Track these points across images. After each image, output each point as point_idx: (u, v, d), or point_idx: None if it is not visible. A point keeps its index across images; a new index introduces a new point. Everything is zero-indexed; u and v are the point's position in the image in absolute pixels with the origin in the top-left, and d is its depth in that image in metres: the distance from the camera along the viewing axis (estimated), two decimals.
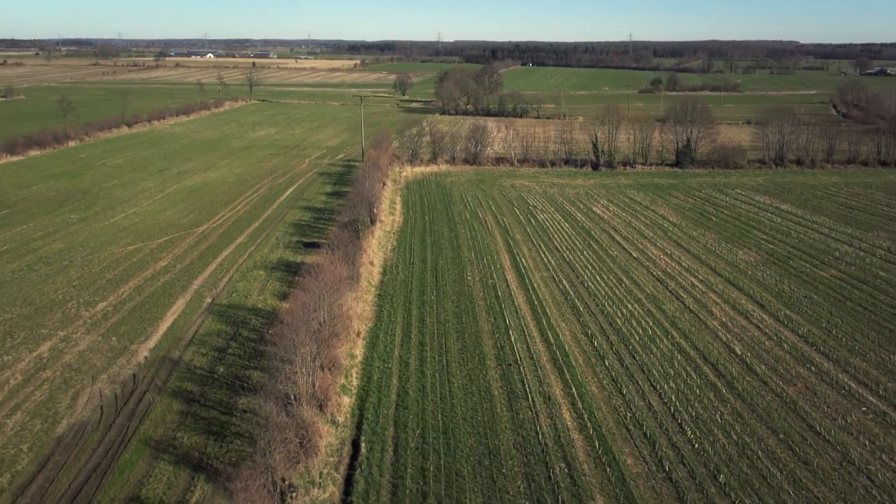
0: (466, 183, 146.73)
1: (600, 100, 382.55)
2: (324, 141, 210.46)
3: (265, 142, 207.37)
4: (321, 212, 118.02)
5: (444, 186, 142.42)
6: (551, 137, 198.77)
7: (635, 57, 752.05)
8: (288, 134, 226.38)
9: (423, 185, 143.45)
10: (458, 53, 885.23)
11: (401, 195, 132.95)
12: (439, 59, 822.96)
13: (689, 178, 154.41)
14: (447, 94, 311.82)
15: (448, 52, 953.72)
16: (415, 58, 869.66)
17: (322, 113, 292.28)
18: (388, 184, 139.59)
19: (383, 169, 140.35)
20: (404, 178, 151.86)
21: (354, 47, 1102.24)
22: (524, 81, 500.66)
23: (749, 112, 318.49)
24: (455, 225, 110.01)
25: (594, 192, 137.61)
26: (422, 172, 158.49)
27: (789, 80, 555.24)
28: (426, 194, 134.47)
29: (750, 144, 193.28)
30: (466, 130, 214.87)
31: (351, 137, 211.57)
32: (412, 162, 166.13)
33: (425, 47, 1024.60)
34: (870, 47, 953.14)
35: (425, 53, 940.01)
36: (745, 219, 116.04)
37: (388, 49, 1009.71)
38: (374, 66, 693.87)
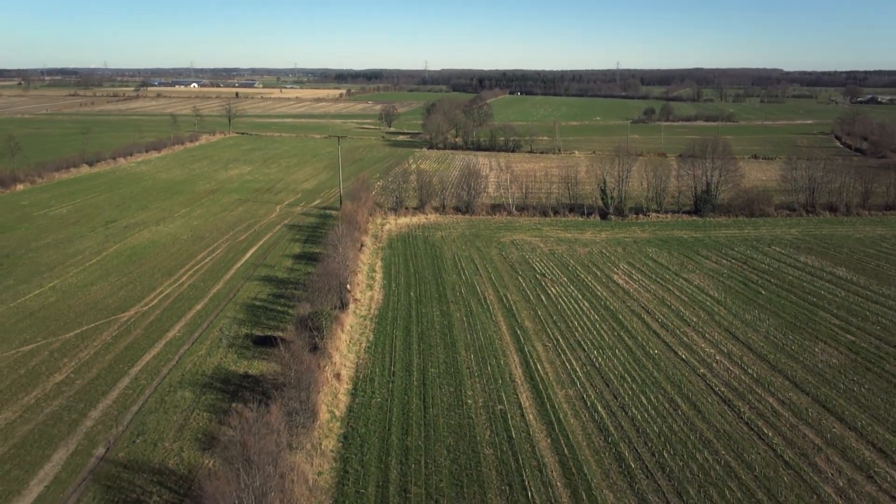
0: (459, 239, 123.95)
1: (594, 131, 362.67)
2: (300, 182, 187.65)
3: (235, 183, 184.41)
4: (284, 285, 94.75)
5: (432, 244, 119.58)
6: (552, 178, 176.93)
7: (623, 85, 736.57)
8: (262, 173, 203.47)
9: (408, 243, 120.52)
10: (446, 82, 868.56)
11: (382, 258, 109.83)
12: (426, 88, 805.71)
13: (713, 230, 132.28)
14: (435, 127, 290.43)
15: (435, 80, 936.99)
16: (402, 86, 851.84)
17: (302, 148, 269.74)
18: (368, 243, 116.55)
19: (361, 225, 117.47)
20: (387, 231, 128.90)
21: (341, 76, 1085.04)
22: (514, 111, 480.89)
23: (751, 145, 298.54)
24: (448, 305, 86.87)
25: (609, 252, 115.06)
26: (407, 224, 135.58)
27: (781, 109, 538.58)
28: (412, 256, 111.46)
29: (774, 186, 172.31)
30: (457, 173, 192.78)
31: (330, 178, 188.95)
32: (396, 210, 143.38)
33: (412, 76, 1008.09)
34: (854, 74, 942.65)
35: (412, 82, 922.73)
36: (799, 291, 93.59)
37: (375, 78, 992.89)
38: (360, 95, 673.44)
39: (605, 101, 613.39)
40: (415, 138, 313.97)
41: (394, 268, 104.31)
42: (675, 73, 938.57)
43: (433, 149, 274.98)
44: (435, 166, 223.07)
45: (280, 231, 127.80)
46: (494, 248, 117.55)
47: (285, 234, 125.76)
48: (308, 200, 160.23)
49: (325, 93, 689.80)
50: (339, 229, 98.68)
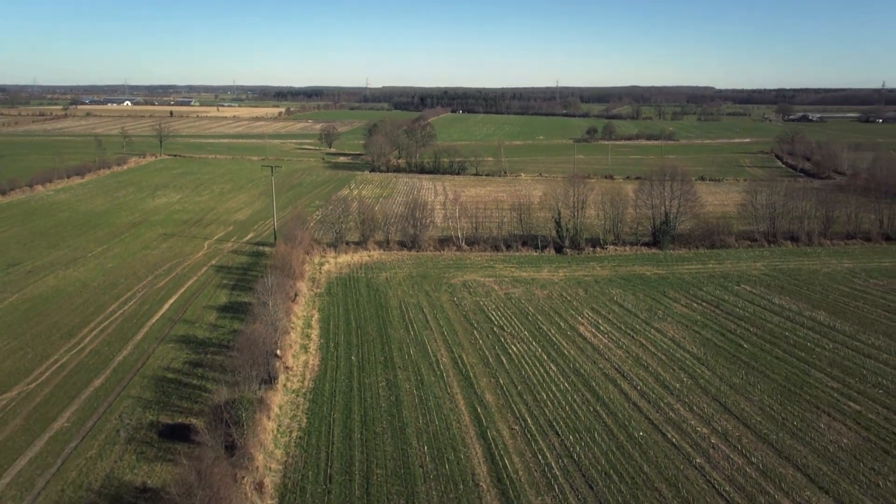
0: (405, 281, 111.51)
1: (538, 151, 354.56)
2: (233, 212, 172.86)
3: (162, 214, 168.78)
4: (204, 348, 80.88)
5: (376, 288, 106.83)
6: (502, 206, 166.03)
7: (563, 103, 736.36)
8: (192, 202, 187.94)
9: (349, 288, 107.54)
10: (387, 100, 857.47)
11: (319, 308, 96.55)
12: (368, 106, 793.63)
13: (675, 266, 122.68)
14: (377, 149, 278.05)
15: (377, 98, 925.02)
16: (342, 104, 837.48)
17: (238, 172, 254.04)
18: (304, 289, 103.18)
19: (296, 270, 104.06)
20: (326, 273, 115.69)
21: (281, 93, 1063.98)
22: (456, 130, 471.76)
23: (696, 165, 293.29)
24: (396, 373, 74.19)
25: (570, 295, 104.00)
26: (349, 263, 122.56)
27: (718, 127, 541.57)
28: (353, 305, 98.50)
29: (730, 212, 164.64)
30: (401, 198, 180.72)
31: (266, 207, 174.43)
32: (336, 247, 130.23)
33: (353, 93, 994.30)
34: (783, 93, 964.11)
35: (353, 100, 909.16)
36: (783, 343, 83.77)
37: (315, 95, 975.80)
38: (300, 114, 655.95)
39: (547, 120, 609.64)
40: (356, 160, 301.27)
41: (333, 321, 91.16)
42: (613, 90, 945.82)
43: (375, 171, 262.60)
44: (377, 191, 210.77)
45: (206, 274, 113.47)
46: (445, 291, 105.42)
47: (211, 277, 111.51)
48: (240, 234, 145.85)
49: (264, 111, 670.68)
50: (269, 280, 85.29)
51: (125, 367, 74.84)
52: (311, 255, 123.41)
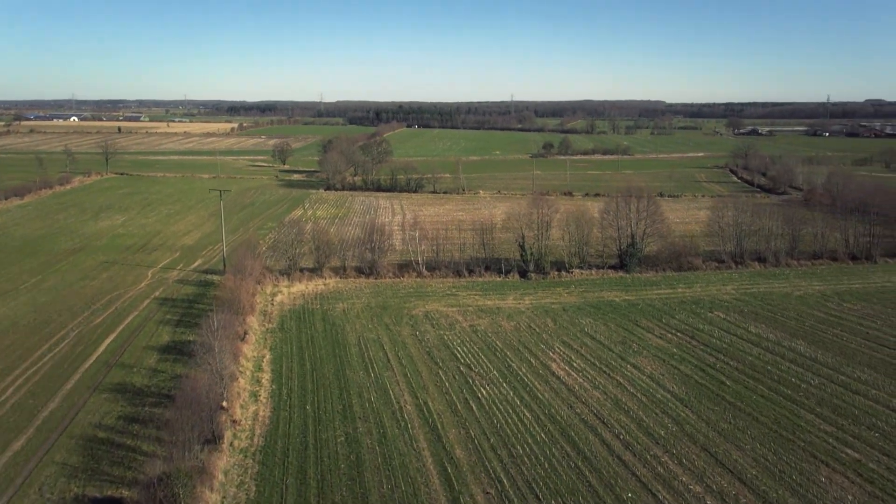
0: (364, 312, 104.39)
1: (495, 167, 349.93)
2: (181, 235, 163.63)
3: (104, 239, 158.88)
4: (142, 399, 72.71)
5: (333, 322, 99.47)
6: (462, 226, 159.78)
7: (519, 118, 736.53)
8: (138, 224, 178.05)
9: (304, 321, 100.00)
10: (342, 115, 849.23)
11: (271, 347, 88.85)
12: (322, 121, 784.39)
13: (644, 290, 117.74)
14: (332, 167, 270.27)
15: (331, 113, 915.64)
16: (296, 119, 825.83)
17: (187, 191, 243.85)
18: (254, 325, 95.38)
19: (246, 305, 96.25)
20: (279, 305, 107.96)
21: (234, 108, 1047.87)
22: (413, 146, 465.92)
23: (653, 181, 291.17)
24: (356, 425, 66.98)
25: (538, 325, 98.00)
26: (303, 293, 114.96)
27: (672, 141, 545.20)
28: (308, 342, 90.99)
29: (694, 230, 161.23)
30: (357, 219, 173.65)
31: (216, 230, 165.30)
32: (290, 275, 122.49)
33: (307, 108, 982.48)
34: (732, 106, 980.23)
35: (308, 114, 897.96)
36: (766, 378, 78.76)
37: (269, 110, 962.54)
38: (253, 129, 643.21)
39: (503, 134, 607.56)
40: (311, 177, 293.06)
41: (286, 363, 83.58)
42: (567, 105, 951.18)
43: (330, 190, 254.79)
44: (333, 211, 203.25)
45: (148, 308, 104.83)
46: (406, 324, 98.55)
47: (154, 312, 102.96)
48: (187, 261, 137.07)
49: (216, 127, 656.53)
50: (215, 320, 77.43)
51: (51, 424, 66.35)
52: (262, 285, 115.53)
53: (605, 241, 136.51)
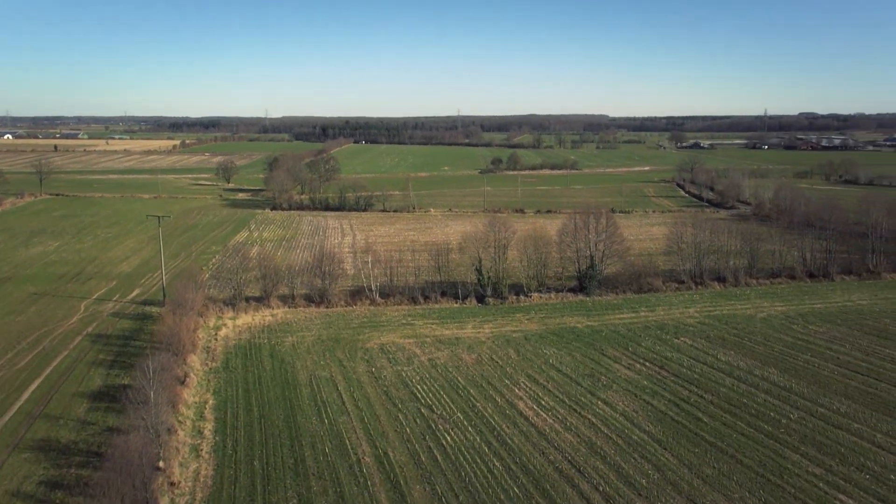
0: (315, 346, 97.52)
1: (445, 183, 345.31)
2: (118, 262, 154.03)
3: (35, 266, 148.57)
4: (67, 458, 64.67)
5: (282, 359, 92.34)
6: (416, 247, 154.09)
7: (466, 133, 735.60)
8: (72, 250, 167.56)
9: (250, 359, 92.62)
10: (288, 130, 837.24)
11: (214, 393, 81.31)
12: (268, 138, 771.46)
13: (606, 315, 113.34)
14: (278, 186, 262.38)
15: (277, 128, 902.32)
16: (241, 136, 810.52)
17: (126, 213, 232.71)
18: (196, 365, 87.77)
19: (186, 342, 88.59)
20: (223, 340, 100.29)
21: (176, 124, 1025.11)
22: (360, 162, 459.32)
23: (602, 196, 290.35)
24: (309, 483, 60.16)
25: (501, 358, 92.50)
26: (249, 326, 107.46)
27: (617, 155, 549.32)
28: (255, 384, 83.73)
29: (651, 248, 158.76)
30: (305, 249, 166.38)
31: (156, 255, 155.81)
32: (235, 305, 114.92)
33: (252, 124, 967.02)
34: (673, 120, 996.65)
35: (253, 131, 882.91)
36: (743, 413, 74.49)
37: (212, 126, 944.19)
38: (197, 147, 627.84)
39: (451, 149, 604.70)
40: (256, 196, 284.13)
41: (231, 409, 76.24)
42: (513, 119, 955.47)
43: (277, 209, 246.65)
44: (280, 233, 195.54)
45: (79, 347, 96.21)
46: (361, 360, 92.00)
47: (86, 351, 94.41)
48: (124, 291, 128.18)
49: (158, 144, 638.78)
50: (150, 365, 69.79)
51: None
52: (205, 318, 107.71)
53: (564, 262, 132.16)
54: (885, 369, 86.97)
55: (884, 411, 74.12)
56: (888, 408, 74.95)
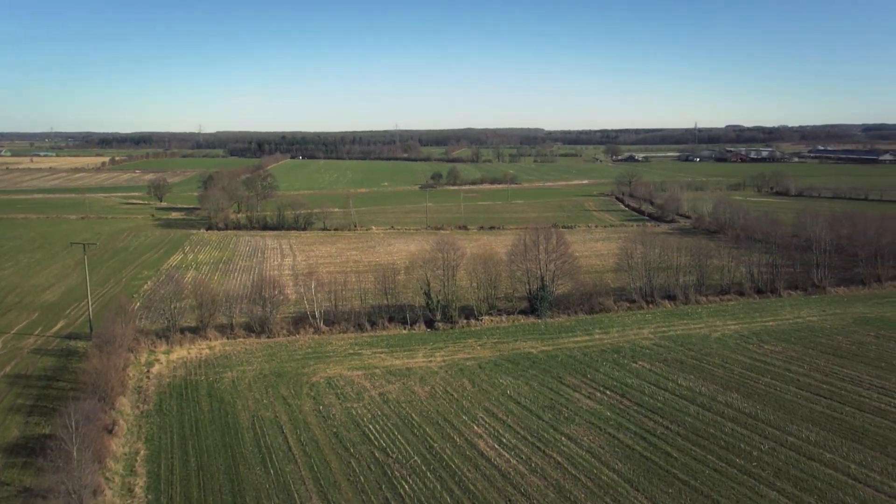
0: (256, 381, 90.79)
1: (385, 199, 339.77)
2: (41, 290, 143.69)
3: None
4: None
5: (221, 398, 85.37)
6: (359, 268, 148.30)
7: (404, 147, 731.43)
8: None
9: (186, 399, 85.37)
10: (222, 146, 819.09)
11: (147, 441, 73.94)
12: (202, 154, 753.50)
13: (560, 338, 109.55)
14: (214, 204, 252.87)
15: (211, 144, 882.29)
16: (174, 152, 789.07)
17: (52, 235, 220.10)
18: (126, 408, 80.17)
19: (115, 385, 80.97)
20: (156, 378, 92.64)
21: (106, 141, 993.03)
22: (298, 178, 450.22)
23: (545, 211, 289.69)
24: None
25: (456, 390, 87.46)
26: (185, 361, 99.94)
27: (555, 169, 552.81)
28: (192, 430, 76.65)
29: (598, 265, 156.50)
30: (243, 272, 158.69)
31: (84, 280, 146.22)
32: (168, 337, 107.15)
33: (185, 140, 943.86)
34: (607, 133, 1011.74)
35: (186, 146, 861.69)
36: (712, 445, 71.02)
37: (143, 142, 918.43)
38: (127, 164, 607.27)
39: (390, 164, 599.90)
40: (191, 215, 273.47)
41: (165, 460, 69.12)
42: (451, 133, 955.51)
43: (213, 230, 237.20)
44: (216, 255, 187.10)
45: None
46: (307, 396, 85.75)
47: (2, 395, 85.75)
48: (47, 324, 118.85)
49: (86, 161, 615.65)
50: (73, 415, 62.41)
51: None
52: (136, 353, 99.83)
53: (514, 283, 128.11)
54: (846, 391, 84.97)
55: (853, 439, 71.55)
56: (857, 434, 72.46)
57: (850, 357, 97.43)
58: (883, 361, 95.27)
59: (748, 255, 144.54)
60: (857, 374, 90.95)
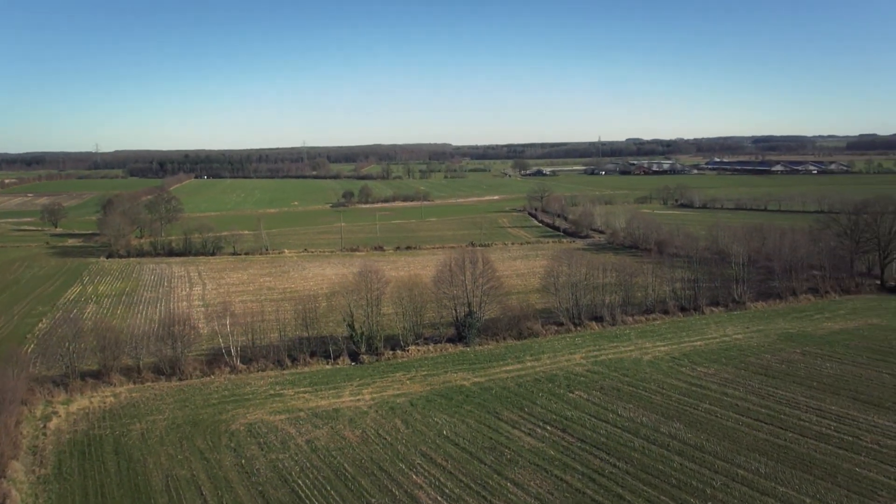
0: (169, 433, 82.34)
1: (297, 220, 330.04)
2: None
3: None
4: None
5: (129, 456, 76.62)
6: (272, 294, 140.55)
7: (312, 165, 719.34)
8: None
9: (89, 460, 76.20)
10: (122, 166, 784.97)
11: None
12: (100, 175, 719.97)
13: (491, 368, 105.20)
14: (114, 230, 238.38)
15: (109, 164, 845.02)
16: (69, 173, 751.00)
17: None
18: (20, 475, 70.56)
19: (5, 446, 71.28)
20: (54, 434, 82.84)
21: None
22: (204, 199, 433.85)
23: (459, 228, 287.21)
24: None
25: (389, 433, 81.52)
26: (87, 412, 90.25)
27: (466, 184, 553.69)
28: (97, 497, 67.75)
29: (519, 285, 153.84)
30: (149, 304, 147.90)
31: None
32: (67, 385, 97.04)
33: (82, 160, 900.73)
34: (514, 147, 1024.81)
35: (82, 167, 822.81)
36: (666, 485, 67.46)
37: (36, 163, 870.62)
38: (18, 186, 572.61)
39: (299, 183, 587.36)
40: (90, 242, 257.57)
41: None
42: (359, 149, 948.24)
43: (114, 257, 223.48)
44: (119, 285, 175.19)
45: None
46: (226, 448, 78.04)
47: None
48: None
49: None
50: None
51: None
52: (31, 406, 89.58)
53: (441, 310, 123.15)
54: (785, 415, 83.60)
55: (802, 469, 69.52)
56: (804, 464, 70.51)
57: (782, 377, 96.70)
58: (814, 381, 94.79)
59: (671, 272, 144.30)
60: (791, 395, 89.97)
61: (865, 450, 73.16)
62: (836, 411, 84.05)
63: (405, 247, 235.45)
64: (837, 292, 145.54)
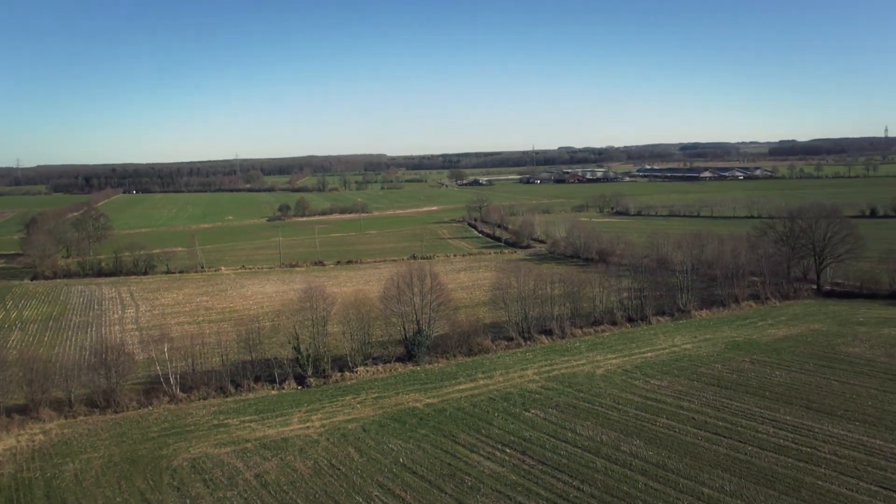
0: (106, 474, 76.63)
1: (233, 235, 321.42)
2: None
3: None
4: None
5: (62, 501, 70.77)
6: (210, 315, 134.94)
7: (246, 177, 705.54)
8: None
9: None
10: (45, 182, 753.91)
11: None
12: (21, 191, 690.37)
13: (444, 387, 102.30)
14: (39, 250, 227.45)
15: (31, 180, 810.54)
16: None
17: None
18: None
19: None
20: None
21: None
22: (134, 215, 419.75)
23: (400, 240, 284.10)
24: None
25: (343, 463, 77.67)
26: (14, 452, 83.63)
27: (403, 195, 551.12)
28: None
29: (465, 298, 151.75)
30: (79, 329, 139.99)
31: None
32: None
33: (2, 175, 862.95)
34: (448, 157, 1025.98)
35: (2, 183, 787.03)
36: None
37: None
38: None
39: (232, 197, 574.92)
40: (12, 263, 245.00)
41: None
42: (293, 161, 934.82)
43: (39, 279, 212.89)
44: (45, 310, 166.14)
45: None
46: (169, 488, 72.90)
47: None
48: None
49: None
50: None
51: None
52: None
53: (389, 328, 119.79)
54: (742, 427, 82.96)
55: (765, 484, 68.55)
56: (767, 479, 69.59)
57: (735, 387, 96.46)
58: (766, 390, 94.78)
59: (617, 281, 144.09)
60: (746, 406, 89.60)
61: (825, 461, 72.68)
62: (790, 421, 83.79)
63: (346, 261, 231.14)
64: (777, 298, 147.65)
